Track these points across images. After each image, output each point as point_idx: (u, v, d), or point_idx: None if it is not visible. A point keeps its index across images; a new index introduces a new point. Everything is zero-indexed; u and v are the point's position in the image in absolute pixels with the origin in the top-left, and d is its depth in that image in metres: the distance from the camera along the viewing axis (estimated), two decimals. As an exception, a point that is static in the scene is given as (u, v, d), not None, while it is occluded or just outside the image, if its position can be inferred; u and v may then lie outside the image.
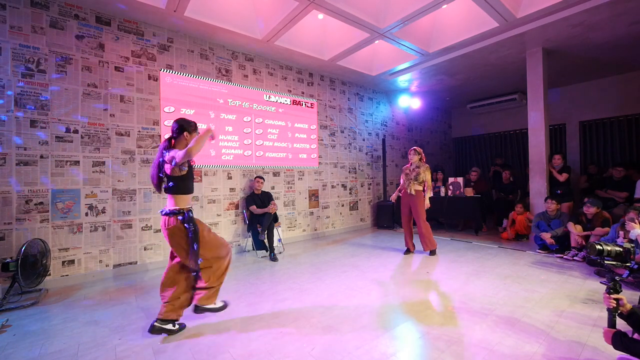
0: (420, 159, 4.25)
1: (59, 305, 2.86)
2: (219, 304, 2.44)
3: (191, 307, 2.36)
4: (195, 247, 2.14)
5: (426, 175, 4.17)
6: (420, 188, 4.20)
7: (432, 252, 4.22)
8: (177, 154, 2.05)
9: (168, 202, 2.20)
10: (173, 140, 2.23)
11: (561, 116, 7.12)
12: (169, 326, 2.22)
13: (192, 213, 2.21)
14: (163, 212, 2.18)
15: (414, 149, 4.26)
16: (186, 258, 2.18)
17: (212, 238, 2.29)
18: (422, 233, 4.20)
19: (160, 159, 2.16)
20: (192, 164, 2.30)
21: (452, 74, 6.06)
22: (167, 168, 2.11)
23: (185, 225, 2.13)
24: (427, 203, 4.17)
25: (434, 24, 4.75)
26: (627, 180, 4.86)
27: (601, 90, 6.58)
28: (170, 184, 2.13)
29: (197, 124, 2.38)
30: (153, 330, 2.18)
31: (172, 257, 2.35)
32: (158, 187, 2.20)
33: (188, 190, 2.21)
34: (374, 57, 5.70)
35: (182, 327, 2.30)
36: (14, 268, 2.74)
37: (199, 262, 2.18)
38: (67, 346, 2.13)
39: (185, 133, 2.23)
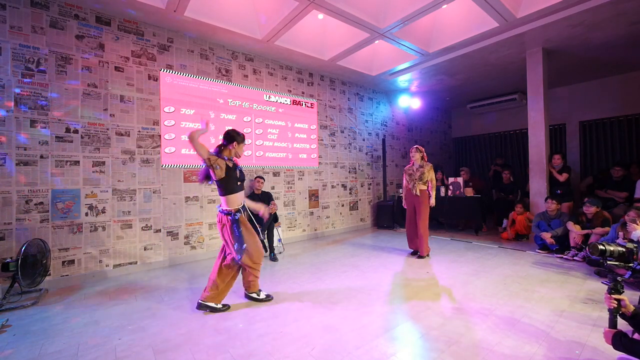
0: (423, 158, 4.20)
1: (59, 305, 2.86)
2: (262, 295, 2.76)
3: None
4: (237, 245, 2.48)
5: (430, 174, 4.13)
6: (425, 187, 4.14)
7: (421, 257, 4.13)
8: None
9: (221, 201, 2.49)
10: (223, 147, 2.50)
11: (561, 116, 7.12)
12: (212, 304, 2.54)
13: (240, 214, 2.48)
14: (218, 209, 2.50)
15: (416, 147, 4.20)
16: (233, 251, 2.50)
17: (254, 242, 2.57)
18: (420, 235, 4.13)
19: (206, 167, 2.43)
20: (236, 163, 2.55)
21: (452, 74, 6.06)
22: (211, 172, 2.38)
23: (234, 226, 2.44)
24: (433, 201, 4.11)
25: (434, 24, 4.75)
26: (627, 180, 4.86)
27: (601, 90, 6.57)
28: (217, 186, 2.41)
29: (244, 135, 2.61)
30: (200, 307, 2.52)
31: (222, 253, 2.65)
32: (202, 182, 2.51)
33: (232, 190, 2.45)
34: (374, 57, 5.70)
35: (227, 306, 2.60)
36: (14, 268, 2.74)
37: (240, 259, 2.51)
38: (67, 346, 2.13)
39: (234, 143, 2.47)
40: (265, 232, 4.36)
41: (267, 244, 4.40)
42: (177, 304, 2.80)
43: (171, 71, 4.18)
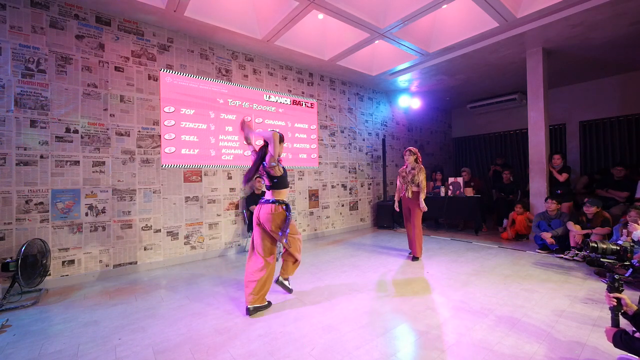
0: (416, 160, 4.15)
1: (59, 305, 2.86)
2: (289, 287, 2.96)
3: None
4: (287, 230, 2.67)
5: (420, 176, 4.07)
6: (418, 189, 4.09)
7: (415, 258, 4.08)
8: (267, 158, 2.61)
9: (269, 195, 2.70)
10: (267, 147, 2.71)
11: (561, 116, 7.12)
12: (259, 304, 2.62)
13: (289, 205, 2.75)
14: (270, 202, 2.65)
15: (409, 150, 4.16)
16: (279, 238, 2.66)
17: (294, 224, 2.85)
18: (413, 236, 4.09)
19: (261, 165, 2.67)
20: (282, 166, 2.78)
21: (452, 74, 6.06)
22: (272, 172, 2.64)
23: (287, 213, 2.67)
24: (423, 206, 4.02)
25: (434, 24, 4.75)
26: (628, 180, 4.85)
27: (601, 90, 6.58)
28: (275, 180, 2.67)
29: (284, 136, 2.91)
30: (250, 313, 2.54)
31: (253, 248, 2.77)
32: (247, 182, 2.79)
33: (286, 185, 2.76)
34: (374, 57, 5.70)
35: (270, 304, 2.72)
36: (14, 268, 2.74)
37: (286, 242, 2.71)
38: (67, 346, 2.13)
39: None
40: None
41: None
42: (177, 304, 2.80)
43: (171, 71, 4.18)
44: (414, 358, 1.91)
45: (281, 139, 2.68)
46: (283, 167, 2.71)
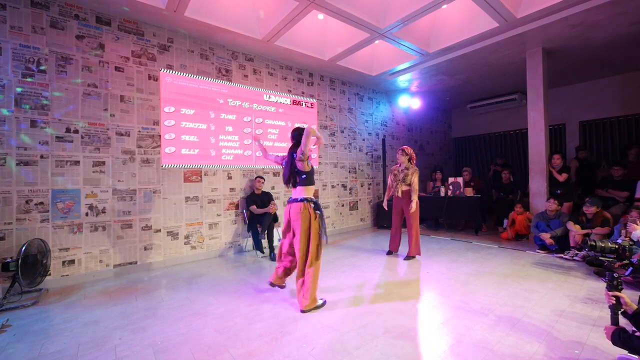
0: (410, 160, 4.13)
1: (59, 305, 2.86)
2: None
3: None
4: (324, 224, 2.64)
5: (413, 178, 4.04)
6: (408, 189, 4.08)
7: (410, 257, 4.06)
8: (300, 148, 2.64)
9: (298, 192, 2.70)
10: (295, 145, 2.79)
11: (561, 116, 7.12)
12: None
13: (318, 202, 2.73)
14: (298, 200, 2.65)
15: (402, 149, 4.15)
16: (305, 239, 2.60)
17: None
18: (412, 235, 4.05)
19: (292, 161, 2.71)
20: (311, 164, 2.80)
21: (452, 74, 6.06)
22: (300, 165, 2.66)
23: (316, 211, 2.64)
24: (413, 206, 3.97)
25: (434, 24, 4.75)
26: (628, 180, 4.85)
27: (601, 90, 6.57)
28: (303, 176, 2.67)
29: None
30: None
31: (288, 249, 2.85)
32: (288, 183, 2.76)
33: (313, 182, 2.76)
34: (374, 57, 5.70)
35: (325, 302, 2.70)
36: (14, 268, 2.75)
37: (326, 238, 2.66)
38: (67, 346, 2.13)
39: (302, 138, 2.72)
40: (266, 232, 4.37)
41: (267, 244, 4.40)
42: (177, 304, 2.80)
43: (171, 71, 4.18)
44: (414, 358, 1.91)
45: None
46: (311, 164, 2.74)
